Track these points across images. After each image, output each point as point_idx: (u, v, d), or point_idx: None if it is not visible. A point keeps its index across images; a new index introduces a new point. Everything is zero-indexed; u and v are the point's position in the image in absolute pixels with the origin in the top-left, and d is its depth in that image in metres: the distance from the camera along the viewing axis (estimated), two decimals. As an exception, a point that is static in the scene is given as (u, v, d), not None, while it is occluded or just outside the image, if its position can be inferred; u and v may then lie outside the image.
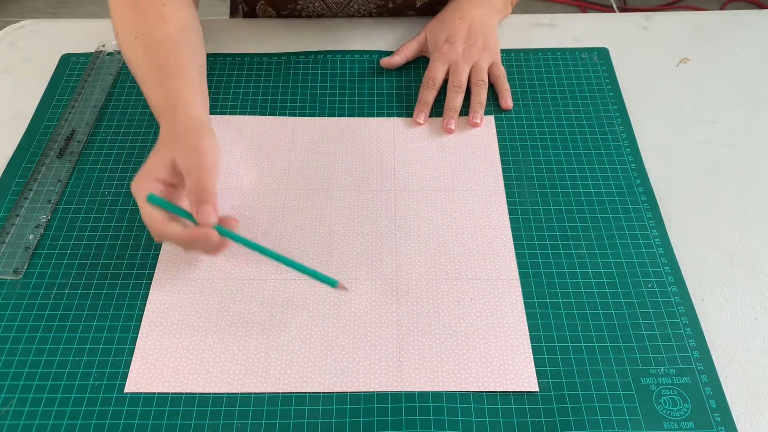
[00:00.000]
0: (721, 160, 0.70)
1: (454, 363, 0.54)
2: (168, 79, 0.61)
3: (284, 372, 0.54)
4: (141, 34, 0.64)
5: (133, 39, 0.64)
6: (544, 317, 0.57)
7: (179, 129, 0.57)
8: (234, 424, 0.51)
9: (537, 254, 0.61)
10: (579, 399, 0.52)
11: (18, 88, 0.76)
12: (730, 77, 0.78)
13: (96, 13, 2.11)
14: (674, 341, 0.56)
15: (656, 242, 0.62)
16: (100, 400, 0.52)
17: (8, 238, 0.62)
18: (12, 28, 0.84)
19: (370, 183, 0.67)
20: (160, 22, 0.65)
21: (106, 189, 0.66)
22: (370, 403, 0.52)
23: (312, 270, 0.57)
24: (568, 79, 0.77)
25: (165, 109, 0.60)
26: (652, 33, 0.84)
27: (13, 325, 0.57)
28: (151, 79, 0.62)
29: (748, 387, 0.53)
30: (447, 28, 0.77)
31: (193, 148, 0.56)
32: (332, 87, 0.76)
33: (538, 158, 0.69)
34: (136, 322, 0.57)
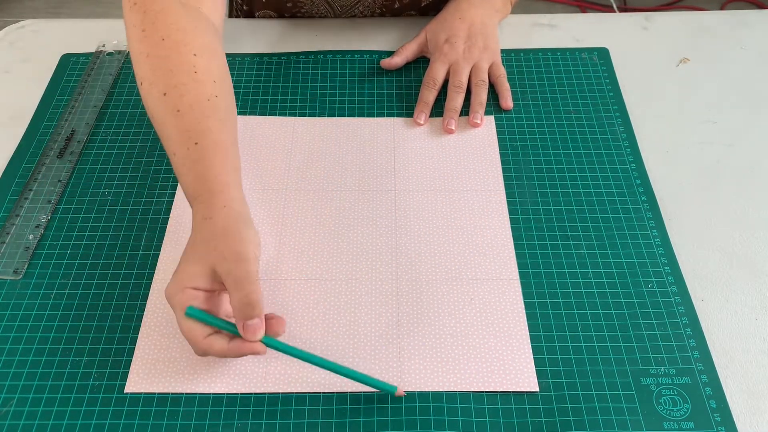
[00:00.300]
0: (721, 160, 0.70)
1: (453, 363, 0.54)
2: (203, 158, 0.54)
3: (284, 372, 0.54)
4: (170, 92, 0.56)
5: (162, 95, 0.56)
6: (544, 317, 0.57)
7: (218, 227, 0.51)
8: (234, 424, 0.51)
9: (537, 254, 0.61)
10: (579, 399, 0.52)
11: (18, 88, 0.76)
12: (730, 77, 0.78)
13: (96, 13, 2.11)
14: (674, 341, 0.56)
15: (656, 242, 0.62)
16: (100, 400, 0.52)
17: (8, 238, 0.62)
18: (12, 28, 0.84)
19: (370, 183, 0.67)
20: (192, 79, 0.57)
21: (106, 189, 0.66)
22: (370, 403, 0.52)
23: (369, 378, 0.52)
24: (568, 79, 0.77)
25: (199, 194, 0.54)
26: (652, 33, 0.84)
27: (13, 325, 0.57)
28: (182, 155, 0.55)
29: (748, 387, 0.53)
30: (447, 29, 0.77)
31: (237, 254, 0.50)
32: (332, 87, 0.76)
33: (538, 158, 0.69)
34: (136, 322, 0.57)
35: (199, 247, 0.52)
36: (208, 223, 0.52)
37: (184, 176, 0.55)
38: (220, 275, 0.50)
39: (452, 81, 0.74)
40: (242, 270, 0.50)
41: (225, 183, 0.54)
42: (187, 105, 0.56)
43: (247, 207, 0.55)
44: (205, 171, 0.54)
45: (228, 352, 0.50)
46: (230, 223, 0.52)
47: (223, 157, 0.55)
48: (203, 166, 0.54)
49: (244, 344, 0.50)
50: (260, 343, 0.50)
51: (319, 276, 0.60)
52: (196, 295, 0.50)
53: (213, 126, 0.56)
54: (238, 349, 0.50)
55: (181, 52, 0.58)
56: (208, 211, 0.52)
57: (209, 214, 0.52)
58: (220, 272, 0.50)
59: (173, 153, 0.56)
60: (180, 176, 0.56)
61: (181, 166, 0.55)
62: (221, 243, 0.51)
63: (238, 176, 0.56)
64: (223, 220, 0.52)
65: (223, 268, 0.50)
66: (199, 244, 0.52)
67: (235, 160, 0.57)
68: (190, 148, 0.55)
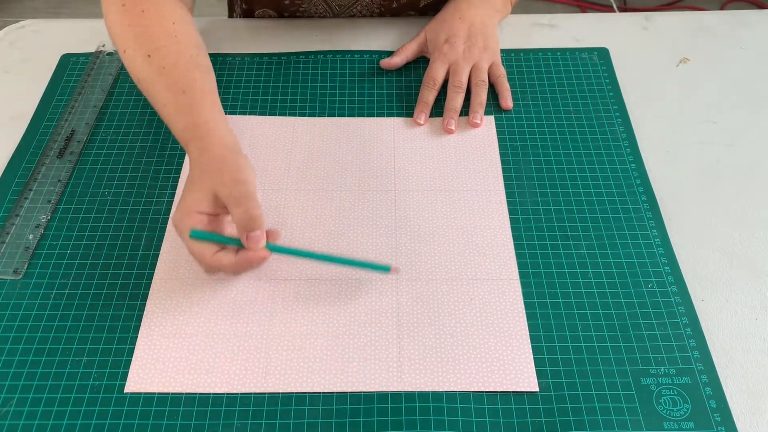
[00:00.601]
0: (721, 160, 0.70)
1: (454, 363, 0.54)
2: (193, 104, 0.60)
3: (284, 372, 0.54)
4: (154, 54, 0.62)
5: (146, 57, 0.62)
6: (544, 317, 0.57)
7: (215, 158, 0.57)
8: (234, 424, 0.51)
9: (537, 254, 0.61)
10: (579, 399, 0.52)
11: (18, 88, 0.76)
12: (730, 77, 0.78)
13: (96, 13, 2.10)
14: (674, 341, 0.56)
15: (656, 242, 0.62)
16: (100, 400, 0.52)
17: (8, 238, 0.62)
18: (12, 28, 0.84)
19: (370, 183, 0.67)
20: (173, 42, 0.63)
21: (106, 189, 0.66)
22: (370, 403, 0.52)
23: (364, 262, 0.59)
24: (568, 79, 0.77)
25: (193, 135, 0.59)
26: (652, 33, 0.84)
27: (13, 325, 0.57)
28: (172, 104, 0.61)
29: (748, 387, 0.53)
30: (447, 29, 0.77)
31: (236, 179, 0.55)
32: (332, 87, 0.76)
33: (538, 158, 0.69)
34: (136, 322, 0.57)
35: (199, 177, 0.57)
36: (206, 156, 0.57)
37: (177, 123, 0.61)
38: (221, 198, 0.55)
39: (452, 81, 0.74)
40: (241, 190, 0.55)
41: (215, 122, 0.60)
42: (171, 63, 0.62)
43: (238, 141, 0.61)
44: (196, 115, 0.60)
45: (236, 264, 0.55)
46: (226, 153, 0.58)
47: (210, 104, 0.61)
48: (194, 112, 0.60)
49: (251, 254, 0.54)
50: (265, 249, 0.55)
51: (319, 276, 0.60)
52: (201, 219, 0.55)
53: (197, 77, 0.62)
54: (245, 259, 0.55)
55: (161, 22, 0.64)
56: (204, 147, 0.58)
57: (205, 148, 0.58)
58: (222, 195, 0.55)
59: (163, 104, 0.62)
60: (172, 124, 0.61)
61: (173, 115, 0.61)
62: (220, 170, 0.56)
63: (225, 118, 0.62)
64: (219, 152, 0.57)
65: (224, 191, 0.55)
66: (198, 174, 0.57)
67: (220, 106, 0.63)
68: (179, 97, 0.61)
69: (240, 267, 0.55)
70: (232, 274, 0.59)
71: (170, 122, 0.62)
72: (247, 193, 0.55)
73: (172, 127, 0.62)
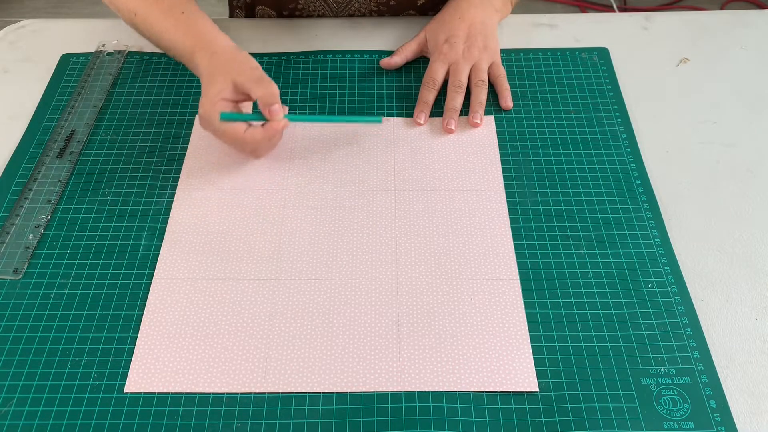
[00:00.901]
0: (721, 160, 0.70)
1: (454, 363, 0.54)
2: (192, 22, 0.69)
3: (284, 372, 0.54)
4: None
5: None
6: (544, 317, 0.57)
7: (225, 56, 0.66)
8: (234, 424, 0.51)
9: (537, 254, 0.61)
10: (579, 399, 0.52)
11: (18, 88, 0.76)
12: (730, 77, 0.78)
13: (96, 13, 2.11)
14: (674, 341, 0.56)
15: (656, 242, 0.62)
16: (100, 400, 0.52)
17: (8, 238, 0.62)
18: (12, 28, 0.84)
19: (370, 183, 0.67)
20: None
21: (106, 189, 0.66)
22: (370, 403, 0.52)
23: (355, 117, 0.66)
24: (568, 79, 0.77)
25: (199, 46, 0.67)
26: (652, 33, 0.84)
27: (13, 325, 0.57)
28: (174, 26, 0.69)
29: (748, 387, 0.53)
30: (447, 29, 0.77)
31: (250, 66, 0.65)
32: (332, 87, 0.76)
33: (538, 158, 0.69)
34: (136, 322, 0.57)
35: (216, 71, 0.65)
36: (216, 57, 0.66)
37: (180, 40, 0.69)
38: (241, 85, 0.63)
39: (452, 81, 0.74)
40: (256, 74, 0.64)
41: (217, 33, 0.69)
42: None
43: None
44: (198, 29, 0.69)
45: (267, 132, 0.64)
46: (233, 51, 0.67)
47: (208, 20, 0.70)
48: (195, 27, 0.69)
49: (276, 124, 0.64)
50: (284, 119, 0.64)
51: (319, 276, 0.60)
52: (226, 105, 0.63)
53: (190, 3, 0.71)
54: (271, 128, 0.64)
55: None
56: (213, 51, 0.66)
57: (214, 51, 0.66)
58: (240, 82, 0.63)
59: (164, 29, 0.70)
60: (175, 43, 0.69)
61: (174, 33, 0.69)
62: (233, 63, 0.65)
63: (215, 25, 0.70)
64: (228, 52, 0.66)
65: (242, 78, 0.63)
66: (214, 71, 0.65)
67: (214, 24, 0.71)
68: (178, 17, 0.69)
69: (269, 137, 0.64)
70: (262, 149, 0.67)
71: (173, 41, 0.69)
72: (262, 75, 0.64)
73: (175, 46, 0.69)
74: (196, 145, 0.70)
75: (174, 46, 0.70)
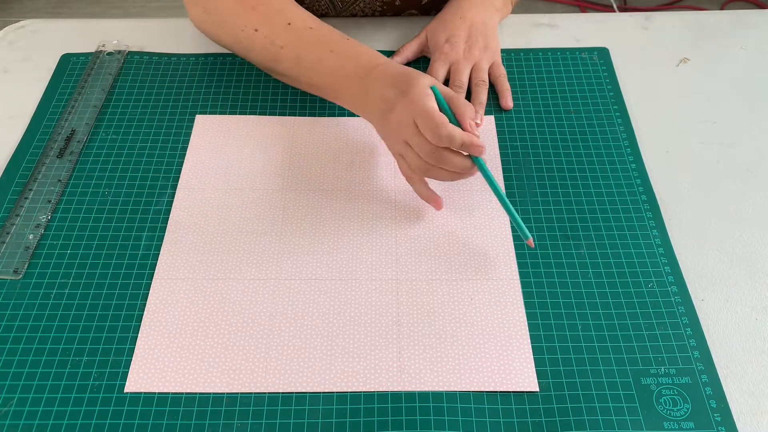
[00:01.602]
0: (721, 160, 0.70)
1: (454, 363, 0.54)
2: (355, 46, 0.67)
3: (284, 372, 0.54)
4: (295, 21, 0.69)
5: (286, 26, 0.69)
6: (544, 317, 0.57)
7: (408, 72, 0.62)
8: (234, 424, 0.51)
9: (537, 254, 0.61)
10: (579, 399, 0.52)
11: (18, 88, 0.76)
12: (730, 77, 0.78)
13: (96, 13, 2.11)
14: (674, 341, 0.56)
15: (656, 242, 0.62)
16: (100, 400, 0.52)
17: (8, 238, 0.62)
18: (12, 28, 0.84)
19: (370, 183, 0.67)
20: (302, 9, 0.71)
21: (106, 189, 0.66)
22: (370, 403, 0.52)
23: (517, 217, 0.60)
24: (568, 79, 0.77)
25: (373, 67, 0.64)
26: (652, 33, 0.84)
27: (13, 325, 0.57)
28: (338, 51, 0.66)
29: (748, 387, 0.53)
30: (448, 29, 0.77)
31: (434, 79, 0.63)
32: (332, 87, 0.76)
33: (538, 158, 0.69)
34: (136, 322, 0.57)
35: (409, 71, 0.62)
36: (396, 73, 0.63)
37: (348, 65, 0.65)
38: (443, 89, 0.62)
39: (453, 81, 0.74)
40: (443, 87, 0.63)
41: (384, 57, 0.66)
42: (314, 23, 0.69)
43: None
44: (365, 55, 0.66)
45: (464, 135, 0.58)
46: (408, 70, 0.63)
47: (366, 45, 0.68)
48: (362, 52, 0.66)
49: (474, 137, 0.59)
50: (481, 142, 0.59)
51: (319, 276, 0.60)
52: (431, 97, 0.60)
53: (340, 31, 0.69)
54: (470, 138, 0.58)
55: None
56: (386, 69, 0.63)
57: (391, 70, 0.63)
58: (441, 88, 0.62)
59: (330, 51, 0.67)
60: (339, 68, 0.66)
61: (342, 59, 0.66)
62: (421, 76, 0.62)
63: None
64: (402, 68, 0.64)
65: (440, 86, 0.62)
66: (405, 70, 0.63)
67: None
68: (343, 43, 0.67)
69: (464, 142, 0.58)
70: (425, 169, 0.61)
71: (338, 69, 0.66)
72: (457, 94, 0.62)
73: (340, 73, 0.66)
74: (196, 145, 0.70)
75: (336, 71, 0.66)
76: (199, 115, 0.73)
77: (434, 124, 0.58)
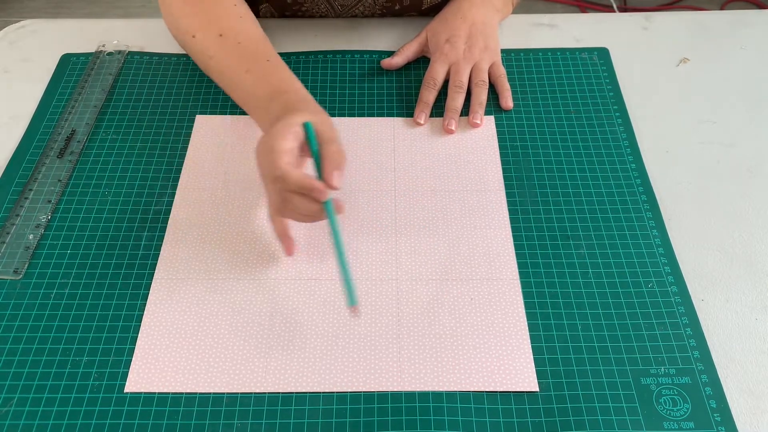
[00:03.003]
0: (721, 160, 0.70)
1: (454, 363, 0.54)
2: (274, 69, 0.65)
3: (284, 372, 0.54)
4: (227, 33, 0.68)
5: (218, 37, 0.67)
6: (544, 317, 0.57)
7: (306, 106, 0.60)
8: (234, 424, 0.51)
9: (537, 254, 0.61)
10: (579, 399, 0.52)
11: (18, 88, 0.76)
12: (730, 77, 0.78)
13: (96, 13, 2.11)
14: (674, 341, 0.56)
15: (656, 242, 0.62)
16: (100, 400, 0.52)
17: (8, 238, 0.62)
18: (12, 28, 0.84)
19: (370, 183, 0.67)
20: (242, 21, 0.69)
21: (106, 189, 0.66)
22: (370, 403, 0.52)
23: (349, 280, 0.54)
24: (568, 79, 0.77)
25: (279, 93, 0.62)
26: (652, 33, 0.84)
27: (13, 325, 0.57)
28: (255, 71, 0.65)
29: (748, 387, 0.53)
30: (448, 29, 0.77)
31: (328, 121, 0.59)
32: (332, 87, 0.76)
33: (538, 158, 0.69)
34: (136, 322, 0.57)
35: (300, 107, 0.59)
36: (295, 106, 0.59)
37: (260, 88, 0.63)
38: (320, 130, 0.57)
39: (453, 81, 0.74)
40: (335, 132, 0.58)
41: (299, 85, 0.64)
42: (245, 37, 0.68)
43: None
44: (280, 79, 0.64)
45: (305, 180, 0.54)
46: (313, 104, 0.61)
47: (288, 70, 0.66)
48: (278, 76, 0.64)
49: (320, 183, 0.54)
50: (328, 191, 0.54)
51: (319, 276, 0.60)
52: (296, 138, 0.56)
53: (272, 50, 0.67)
54: (312, 183, 0.54)
55: (224, 5, 0.70)
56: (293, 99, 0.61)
57: (295, 100, 0.61)
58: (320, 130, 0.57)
59: (246, 70, 0.65)
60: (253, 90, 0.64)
61: (255, 81, 0.64)
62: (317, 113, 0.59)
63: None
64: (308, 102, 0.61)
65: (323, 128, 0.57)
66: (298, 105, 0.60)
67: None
68: (263, 64, 0.65)
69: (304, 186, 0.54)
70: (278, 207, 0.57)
71: (251, 89, 0.64)
72: (337, 136, 0.58)
73: (252, 94, 0.64)
74: (196, 145, 0.70)
75: (250, 93, 0.64)
76: (199, 115, 0.73)
77: (271, 162, 0.55)
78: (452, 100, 0.72)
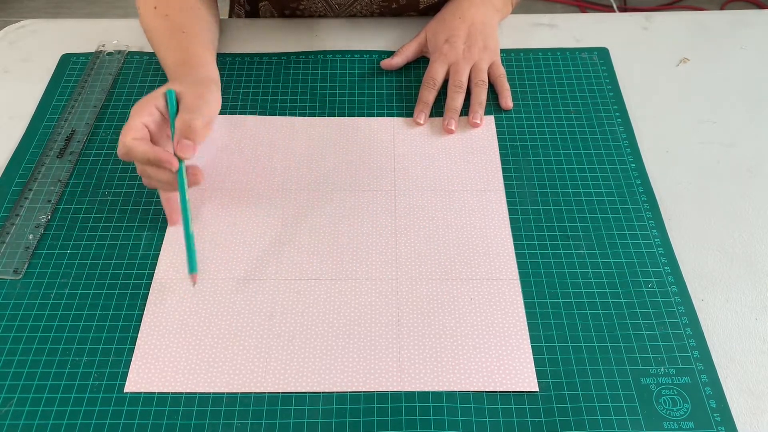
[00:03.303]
0: (721, 160, 0.70)
1: (454, 363, 0.54)
2: (186, 41, 0.68)
3: (284, 372, 0.54)
4: (160, 4, 0.72)
5: (153, 9, 0.72)
6: (544, 317, 0.57)
7: (192, 78, 0.63)
8: (234, 424, 0.51)
9: (537, 254, 0.61)
10: (579, 399, 0.52)
11: (18, 88, 0.76)
12: (730, 77, 0.78)
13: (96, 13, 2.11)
14: (674, 341, 0.56)
15: (656, 242, 0.62)
16: (100, 400, 0.52)
17: (8, 238, 0.62)
18: (12, 28, 0.84)
19: (370, 183, 0.67)
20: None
21: (106, 189, 0.66)
22: (370, 403, 0.52)
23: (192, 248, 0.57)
24: (568, 79, 0.77)
25: (181, 65, 0.66)
26: (652, 33, 0.84)
27: (13, 325, 0.57)
28: (168, 42, 0.69)
29: (748, 387, 0.53)
30: (447, 29, 0.77)
31: (200, 93, 0.61)
32: (332, 87, 0.76)
33: (538, 158, 0.69)
34: (136, 322, 0.57)
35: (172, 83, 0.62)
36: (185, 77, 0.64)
37: (169, 58, 0.68)
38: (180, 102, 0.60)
39: (452, 81, 0.74)
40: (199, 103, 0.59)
41: (203, 59, 0.67)
42: (175, 9, 0.71)
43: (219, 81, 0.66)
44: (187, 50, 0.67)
45: (148, 152, 0.56)
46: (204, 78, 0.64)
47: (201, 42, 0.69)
48: (186, 47, 0.68)
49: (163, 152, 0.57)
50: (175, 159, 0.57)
51: (319, 276, 0.60)
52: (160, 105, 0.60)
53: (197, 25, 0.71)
54: (156, 153, 0.56)
55: None
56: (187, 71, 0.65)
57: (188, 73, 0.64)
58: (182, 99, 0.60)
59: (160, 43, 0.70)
60: (165, 60, 0.69)
61: (168, 51, 0.68)
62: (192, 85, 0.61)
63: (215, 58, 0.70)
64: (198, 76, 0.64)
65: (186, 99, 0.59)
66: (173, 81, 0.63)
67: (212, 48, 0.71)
68: (177, 36, 0.69)
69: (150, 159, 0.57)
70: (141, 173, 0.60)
71: (164, 59, 0.69)
72: (201, 109, 0.59)
73: (165, 65, 0.69)
74: (196, 145, 0.70)
75: (164, 63, 0.69)
76: (199, 115, 0.73)
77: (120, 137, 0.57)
78: (452, 100, 0.72)
